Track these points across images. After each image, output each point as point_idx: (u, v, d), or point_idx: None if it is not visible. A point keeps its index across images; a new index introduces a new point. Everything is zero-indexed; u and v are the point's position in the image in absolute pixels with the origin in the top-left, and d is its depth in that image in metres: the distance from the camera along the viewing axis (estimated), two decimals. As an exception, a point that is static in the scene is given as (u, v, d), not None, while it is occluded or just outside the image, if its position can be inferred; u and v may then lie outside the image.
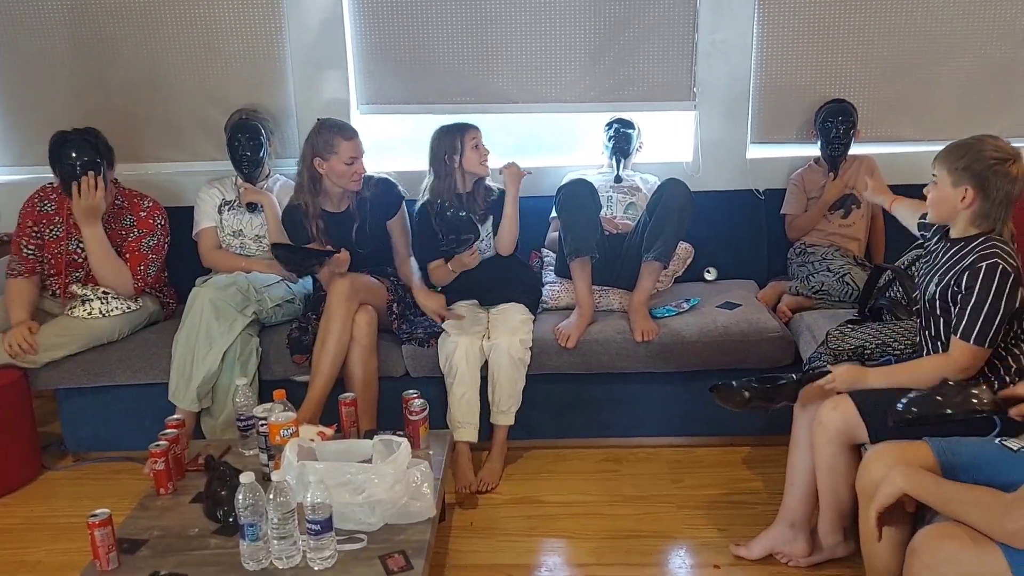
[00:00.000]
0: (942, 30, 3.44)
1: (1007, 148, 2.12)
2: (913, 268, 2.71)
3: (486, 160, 3.05)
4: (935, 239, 2.33)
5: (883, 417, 2.10)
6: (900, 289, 2.75)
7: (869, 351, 2.56)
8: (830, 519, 2.33)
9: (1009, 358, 2.14)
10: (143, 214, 3.16)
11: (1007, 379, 2.13)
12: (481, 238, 3.05)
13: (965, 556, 1.64)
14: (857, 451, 2.20)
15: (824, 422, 2.21)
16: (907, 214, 2.65)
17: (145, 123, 3.59)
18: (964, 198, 2.12)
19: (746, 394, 2.32)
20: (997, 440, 1.89)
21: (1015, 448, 1.83)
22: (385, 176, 3.15)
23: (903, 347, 2.52)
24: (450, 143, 3.01)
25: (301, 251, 2.94)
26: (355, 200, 3.06)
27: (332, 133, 2.95)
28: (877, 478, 1.91)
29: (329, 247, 2.95)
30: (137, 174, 3.49)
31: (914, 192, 3.08)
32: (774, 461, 2.97)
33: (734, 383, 2.34)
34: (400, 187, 3.16)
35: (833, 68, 3.48)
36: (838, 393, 2.24)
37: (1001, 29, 3.43)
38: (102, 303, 3.03)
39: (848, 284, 3.07)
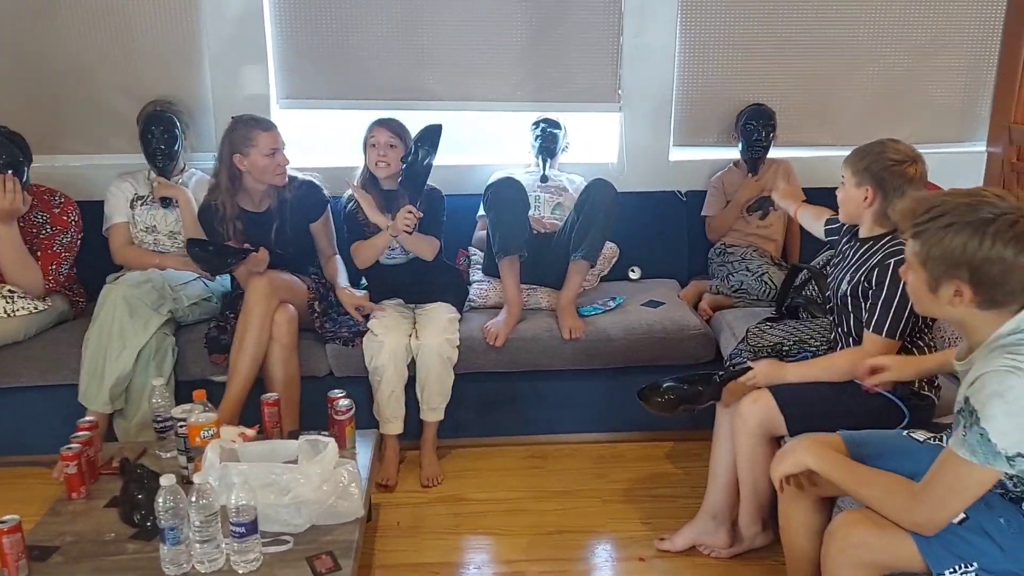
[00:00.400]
0: (852, 43, 3.58)
1: (907, 151, 2.22)
2: (827, 268, 2.81)
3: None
4: (846, 239, 2.42)
5: (801, 411, 2.18)
6: (815, 288, 2.85)
7: (787, 348, 2.64)
8: (750, 510, 2.40)
9: (915, 349, 2.23)
10: (56, 211, 3.03)
11: None
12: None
13: (877, 540, 1.69)
14: (776, 444, 2.26)
15: (744, 416, 2.27)
16: (810, 219, 2.76)
17: (52, 114, 3.43)
18: (866, 198, 2.23)
19: (671, 397, 2.38)
20: (904, 432, 1.97)
21: (921, 439, 1.91)
22: (310, 179, 3.08)
23: (819, 343, 2.60)
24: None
25: (217, 248, 2.87)
26: (276, 200, 2.99)
27: (249, 127, 2.89)
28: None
29: (247, 245, 2.88)
30: (43, 167, 3.31)
31: (827, 194, 3.22)
32: (696, 455, 3.05)
33: (660, 389, 2.39)
34: (325, 190, 3.10)
35: (752, 75, 3.58)
36: (758, 388, 2.30)
37: (905, 44, 3.59)
38: (7, 302, 2.88)
39: (766, 283, 3.15)
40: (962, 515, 1.66)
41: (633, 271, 3.52)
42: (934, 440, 1.90)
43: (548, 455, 3.10)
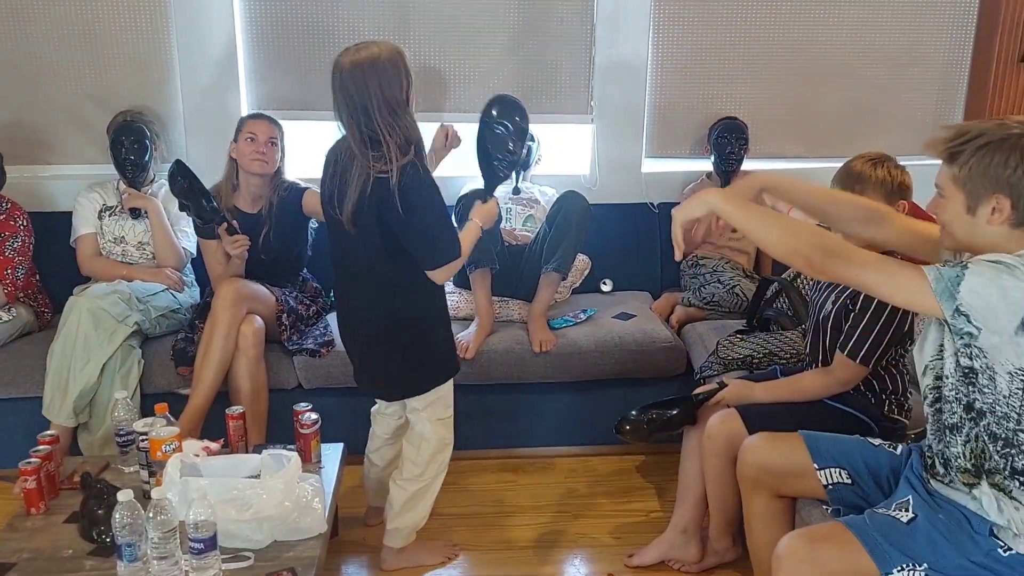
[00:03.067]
0: (825, 56, 3.60)
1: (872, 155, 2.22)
2: (798, 280, 2.82)
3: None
4: None
5: (763, 423, 2.17)
6: (787, 301, 2.85)
7: (757, 360, 2.64)
8: (719, 525, 2.40)
9: (887, 378, 2.23)
10: (2, 216, 2.99)
11: (882, 397, 2.23)
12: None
13: (825, 552, 1.69)
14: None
15: (713, 435, 2.28)
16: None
17: (19, 124, 3.39)
18: None
19: (646, 427, 2.38)
20: (860, 438, 2.00)
21: (875, 443, 1.95)
22: (295, 183, 3.05)
23: (789, 356, 2.61)
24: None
25: (206, 192, 2.77)
26: (267, 205, 2.98)
27: (244, 118, 3.00)
28: (752, 466, 2.02)
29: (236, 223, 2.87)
30: (10, 177, 3.26)
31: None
32: (666, 469, 3.03)
33: (633, 420, 2.39)
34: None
35: (725, 87, 3.60)
36: (727, 407, 2.30)
37: (878, 56, 3.61)
38: (-31, 313, 2.85)
39: (738, 295, 3.16)
40: (911, 514, 1.69)
41: (605, 283, 3.52)
42: (889, 446, 1.91)
43: (518, 469, 3.08)
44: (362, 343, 2.36)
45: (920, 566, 1.63)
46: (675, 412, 2.38)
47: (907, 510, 1.72)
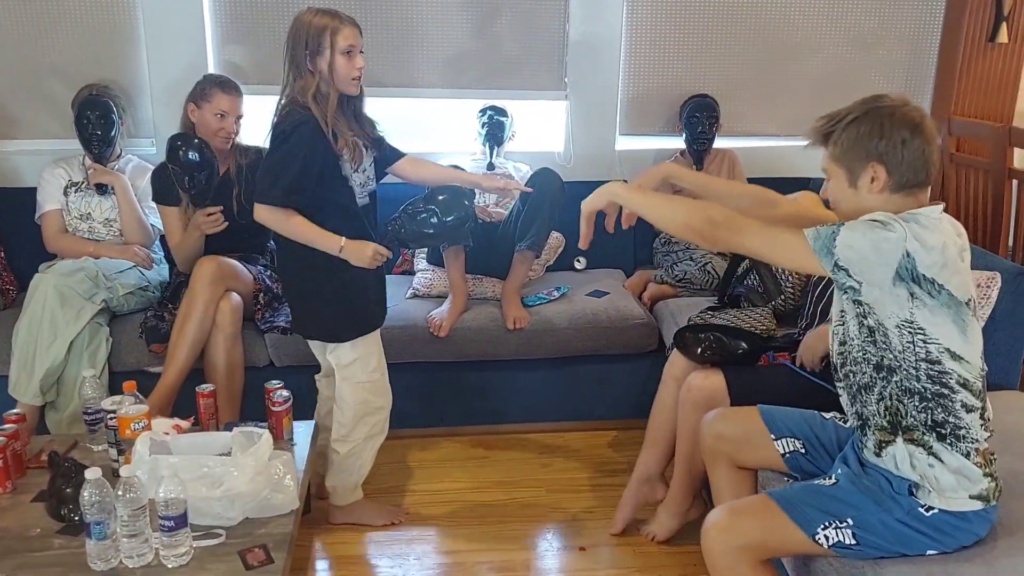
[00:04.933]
0: (796, 33, 3.61)
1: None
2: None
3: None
4: None
5: (750, 393, 2.19)
6: (757, 277, 2.87)
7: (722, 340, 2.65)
8: (683, 483, 2.42)
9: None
10: None
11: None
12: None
13: (746, 522, 1.74)
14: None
15: (693, 388, 2.31)
16: None
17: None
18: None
19: (711, 348, 2.37)
20: (819, 412, 2.03)
21: (827, 416, 1.99)
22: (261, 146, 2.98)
23: (760, 331, 2.62)
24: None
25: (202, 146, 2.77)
26: (235, 167, 2.92)
27: (213, 84, 2.89)
28: (709, 435, 2.06)
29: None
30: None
31: (771, 183, 3.23)
32: (639, 444, 3.02)
33: (700, 336, 2.39)
34: None
35: (697, 65, 3.60)
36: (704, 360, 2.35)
37: (848, 34, 3.63)
38: (-69, 290, 2.80)
39: (709, 273, 3.17)
40: (833, 479, 1.76)
41: (579, 261, 3.52)
42: (839, 419, 1.96)
43: (492, 445, 3.09)
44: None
45: (843, 522, 1.68)
46: (743, 347, 2.37)
47: (830, 477, 1.78)
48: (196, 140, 2.78)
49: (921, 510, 1.66)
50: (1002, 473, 1.72)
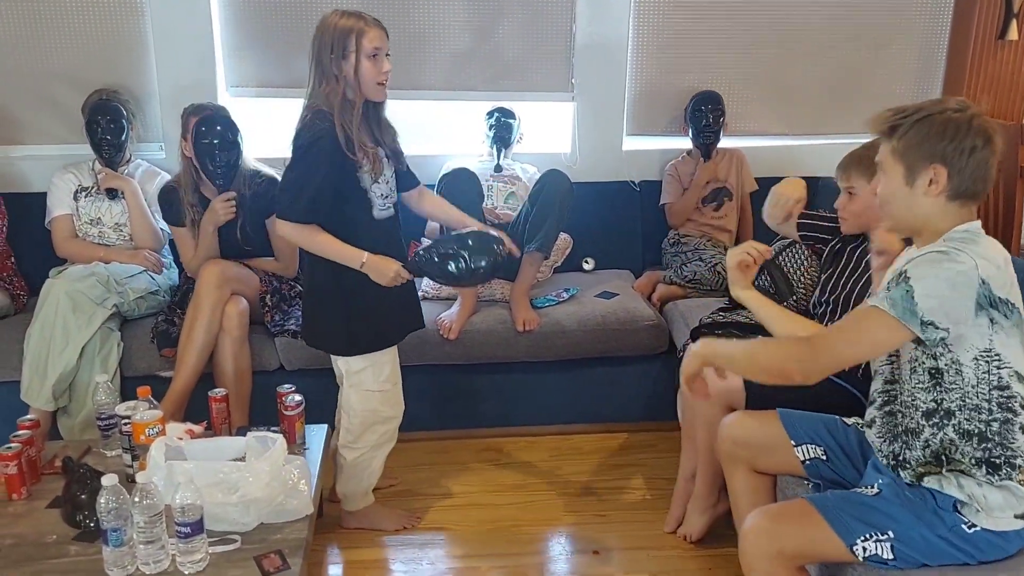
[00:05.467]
0: (804, 34, 3.60)
1: None
2: (780, 258, 2.82)
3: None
4: (847, 243, 2.37)
5: (766, 392, 2.17)
6: (768, 278, 2.86)
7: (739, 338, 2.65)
8: (706, 478, 2.42)
9: None
10: None
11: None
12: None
13: (786, 528, 1.71)
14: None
15: (709, 381, 2.28)
16: None
17: (-9, 103, 3.33)
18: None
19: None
20: (839, 417, 2.01)
21: (849, 422, 1.97)
22: (273, 175, 2.93)
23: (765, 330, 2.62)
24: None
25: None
26: (239, 196, 2.88)
27: (187, 113, 2.87)
28: (727, 440, 2.05)
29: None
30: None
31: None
32: (650, 447, 3.06)
33: (717, 333, 2.39)
34: None
35: (705, 65, 3.59)
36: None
37: (855, 33, 3.61)
38: (-57, 296, 2.80)
39: (719, 274, 3.17)
40: (875, 489, 1.71)
41: (587, 262, 3.52)
42: (860, 425, 1.93)
43: (503, 448, 3.09)
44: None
45: (884, 535, 1.65)
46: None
47: (873, 487, 1.74)
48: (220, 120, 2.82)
49: (964, 527, 1.63)
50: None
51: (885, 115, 1.65)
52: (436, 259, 2.27)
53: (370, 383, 2.42)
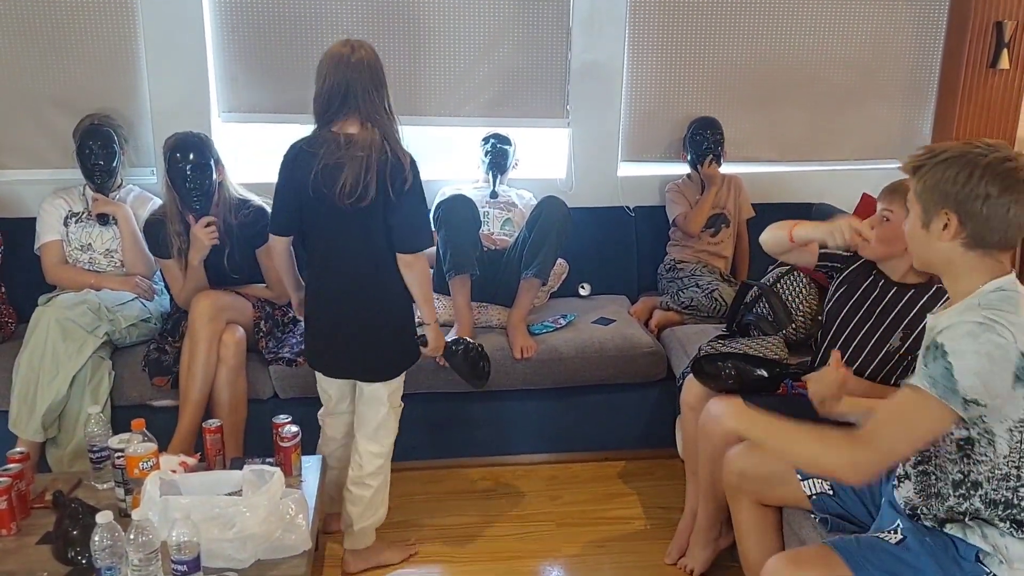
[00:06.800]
0: (797, 60, 3.63)
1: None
2: (778, 285, 2.82)
3: None
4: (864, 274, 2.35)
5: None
6: (767, 305, 2.86)
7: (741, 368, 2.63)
8: (709, 511, 2.40)
9: None
10: None
11: None
12: None
13: (807, 572, 1.67)
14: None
15: (712, 418, 2.27)
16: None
17: (-20, 127, 3.29)
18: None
19: (731, 376, 2.34)
20: None
21: None
22: (261, 205, 2.90)
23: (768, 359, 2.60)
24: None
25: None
26: (224, 224, 2.85)
27: (167, 145, 2.80)
28: (733, 472, 2.02)
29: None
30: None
31: (774, 209, 3.25)
32: (648, 474, 3.04)
33: (718, 363, 2.36)
34: None
35: (699, 91, 3.61)
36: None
37: (847, 60, 3.64)
38: (-70, 324, 2.75)
39: (716, 300, 3.16)
40: (899, 536, 1.67)
41: (583, 287, 3.50)
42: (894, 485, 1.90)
43: (500, 477, 3.05)
44: (347, 318, 2.37)
45: None
46: (764, 377, 2.32)
47: (896, 532, 1.71)
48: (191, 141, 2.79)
49: None
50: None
51: (916, 153, 1.62)
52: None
53: (398, 398, 2.49)
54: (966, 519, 1.63)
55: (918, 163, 1.60)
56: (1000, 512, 1.60)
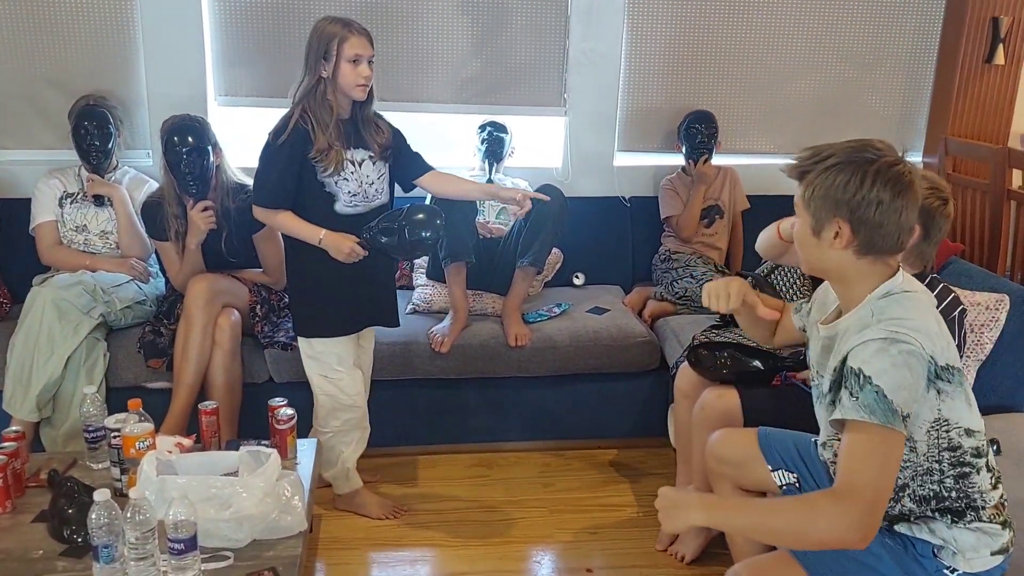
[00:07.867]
0: (794, 53, 3.63)
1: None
2: (773, 276, 2.83)
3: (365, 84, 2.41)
4: None
5: (763, 414, 2.18)
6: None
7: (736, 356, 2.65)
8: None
9: None
10: None
11: None
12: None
13: None
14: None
15: (707, 407, 2.31)
16: None
17: (-25, 106, 3.27)
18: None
19: (727, 365, 2.36)
20: (813, 439, 1.98)
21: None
22: None
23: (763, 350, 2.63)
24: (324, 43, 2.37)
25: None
26: (221, 207, 2.85)
27: (170, 136, 2.78)
28: (711, 457, 2.05)
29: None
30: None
31: (770, 201, 3.25)
32: (640, 462, 3.06)
33: (716, 353, 2.38)
34: None
35: (696, 83, 3.61)
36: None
37: (844, 52, 3.65)
38: (-76, 304, 2.74)
39: (710, 290, 3.17)
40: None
41: (577, 277, 3.51)
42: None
43: (494, 463, 3.07)
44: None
45: None
46: (759, 368, 2.34)
47: None
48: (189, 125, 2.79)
49: (946, 571, 1.59)
50: (1012, 500, 1.69)
51: (801, 156, 1.56)
52: (381, 231, 2.38)
53: (324, 368, 2.57)
54: (911, 519, 1.62)
55: (804, 168, 1.54)
56: (933, 506, 1.59)
